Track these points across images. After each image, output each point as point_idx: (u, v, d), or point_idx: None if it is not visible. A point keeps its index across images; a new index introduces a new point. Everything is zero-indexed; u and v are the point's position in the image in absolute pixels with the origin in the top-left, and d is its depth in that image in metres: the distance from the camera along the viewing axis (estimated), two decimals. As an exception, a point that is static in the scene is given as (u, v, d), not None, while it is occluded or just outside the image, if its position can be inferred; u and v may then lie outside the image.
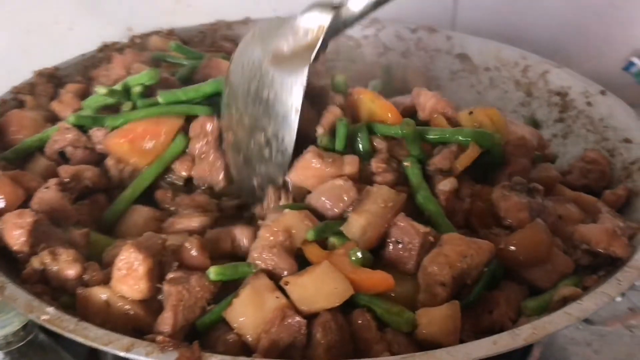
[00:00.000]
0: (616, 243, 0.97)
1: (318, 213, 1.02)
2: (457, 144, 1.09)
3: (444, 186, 1.03)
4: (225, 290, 0.95)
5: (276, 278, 0.92)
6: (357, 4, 1.07)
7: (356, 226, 0.97)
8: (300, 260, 0.97)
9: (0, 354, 0.98)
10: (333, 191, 1.03)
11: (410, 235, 0.96)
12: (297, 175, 1.07)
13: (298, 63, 1.07)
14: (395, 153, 1.09)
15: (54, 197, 1.09)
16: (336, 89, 1.18)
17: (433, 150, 1.11)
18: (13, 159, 1.21)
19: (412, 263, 0.96)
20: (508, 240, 0.98)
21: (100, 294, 0.92)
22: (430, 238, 0.96)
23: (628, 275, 0.93)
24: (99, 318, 0.90)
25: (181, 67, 1.44)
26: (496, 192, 1.04)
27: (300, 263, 0.96)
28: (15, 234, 0.99)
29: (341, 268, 0.91)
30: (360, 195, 1.01)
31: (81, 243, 1.02)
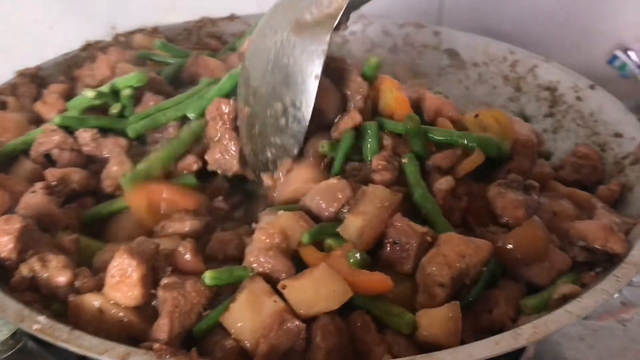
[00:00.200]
0: (613, 239, 0.97)
1: (313, 214, 1.00)
2: (463, 148, 1.08)
3: (441, 185, 1.02)
4: (218, 294, 0.93)
5: (273, 281, 0.91)
6: None
7: (353, 227, 0.95)
8: (296, 262, 0.95)
9: (-11, 363, 0.96)
10: (327, 191, 1.01)
11: (407, 235, 0.95)
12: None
13: (320, 31, 1.06)
14: (399, 150, 1.08)
15: (41, 202, 1.06)
16: (365, 73, 1.17)
17: (437, 150, 1.09)
18: (-3, 163, 1.18)
19: (410, 264, 0.95)
20: (506, 238, 0.97)
21: (92, 301, 0.90)
22: (427, 238, 0.95)
23: (626, 271, 0.93)
24: (92, 326, 0.88)
25: (167, 66, 1.43)
26: (492, 190, 1.04)
27: (296, 265, 0.94)
28: (2, 241, 0.96)
29: (339, 270, 0.90)
30: (355, 195, 1.00)
31: (71, 249, 1.00)
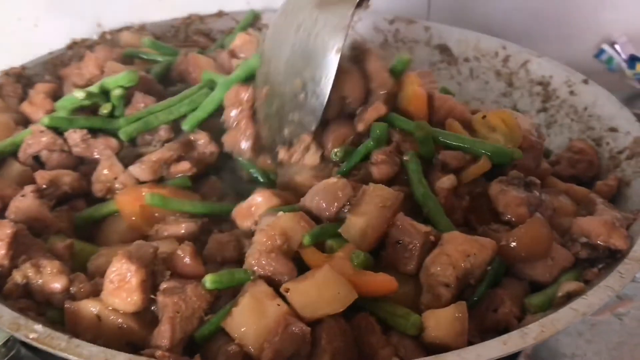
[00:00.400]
0: (616, 235, 0.96)
1: (313, 214, 0.99)
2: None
3: (443, 183, 1.00)
4: (217, 298, 0.91)
5: (275, 284, 0.89)
6: None
7: (355, 228, 0.94)
8: (296, 263, 0.93)
9: (-18, 372, 0.93)
10: (327, 190, 1.00)
11: (410, 235, 0.93)
12: None
13: (343, 6, 1.07)
14: (404, 147, 1.07)
15: (32, 205, 1.04)
16: (395, 68, 1.17)
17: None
18: (-17, 166, 1.15)
19: (414, 264, 0.93)
20: (509, 236, 0.96)
21: (90, 308, 0.88)
22: (431, 237, 0.94)
23: (629, 267, 0.93)
24: (90, 333, 0.86)
25: (156, 64, 1.40)
26: (494, 187, 1.03)
27: (297, 266, 0.93)
28: (-7, 247, 0.94)
29: (342, 272, 0.88)
30: (356, 194, 0.98)
31: (65, 255, 0.97)
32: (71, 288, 0.92)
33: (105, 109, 1.19)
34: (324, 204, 0.98)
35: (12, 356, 0.97)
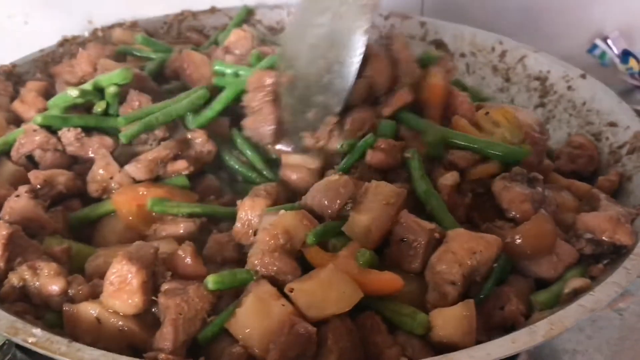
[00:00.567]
0: (621, 231, 0.96)
1: (315, 212, 0.97)
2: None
3: (446, 180, 0.99)
4: (219, 298, 0.89)
5: (279, 284, 0.87)
6: None
7: (359, 226, 0.92)
8: (299, 262, 0.92)
9: (-23, 377, 0.91)
10: (329, 187, 0.98)
11: (415, 232, 0.92)
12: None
13: None
14: (412, 146, 1.05)
15: (26, 206, 1.02)
16: (424, 60, 1.18)
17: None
18: (-25, 166, 1.13)
19: (419, 262, 0.92)
20: (514, 233, 0.95)
21: (90, 310, 0.86)
22: (436, 235, 0.93)
23: (635, 263, 0.92)
24: (90, 336, 0.84)
25: (149, 61, 1.38)
26: (497, 184, 1.01)
27: (300, 265, 0.91)
28: (-12, 250, 0.92)
29: (347, 271, 0.87)
30: (358, 191, 0.97)
31: (62, 257, 0.95)
32: (69, 290, 0.90)
33: (99, 107, 1.17)
34: (326, 202, 0.97)
35: (8, 360, 0.95)
